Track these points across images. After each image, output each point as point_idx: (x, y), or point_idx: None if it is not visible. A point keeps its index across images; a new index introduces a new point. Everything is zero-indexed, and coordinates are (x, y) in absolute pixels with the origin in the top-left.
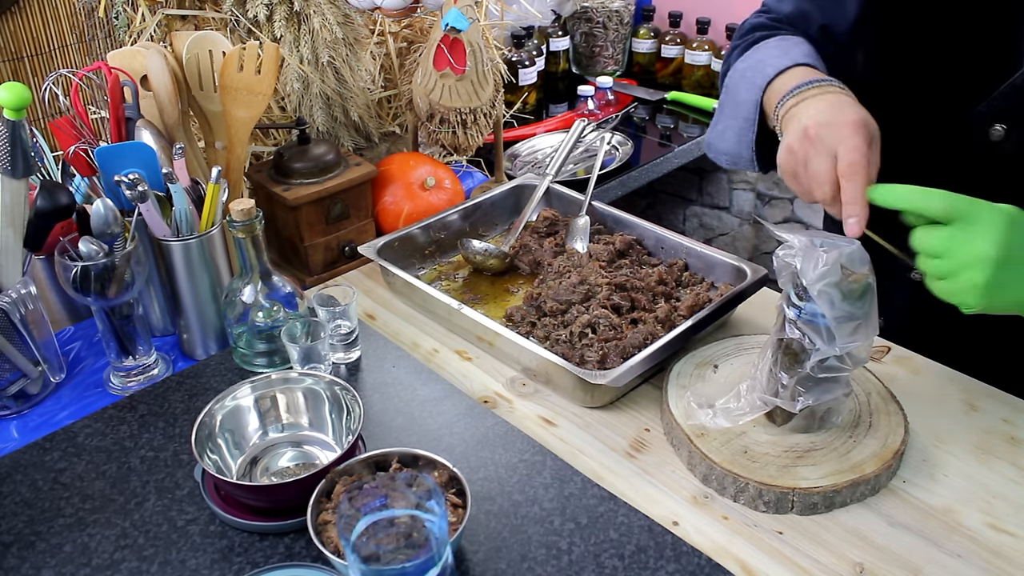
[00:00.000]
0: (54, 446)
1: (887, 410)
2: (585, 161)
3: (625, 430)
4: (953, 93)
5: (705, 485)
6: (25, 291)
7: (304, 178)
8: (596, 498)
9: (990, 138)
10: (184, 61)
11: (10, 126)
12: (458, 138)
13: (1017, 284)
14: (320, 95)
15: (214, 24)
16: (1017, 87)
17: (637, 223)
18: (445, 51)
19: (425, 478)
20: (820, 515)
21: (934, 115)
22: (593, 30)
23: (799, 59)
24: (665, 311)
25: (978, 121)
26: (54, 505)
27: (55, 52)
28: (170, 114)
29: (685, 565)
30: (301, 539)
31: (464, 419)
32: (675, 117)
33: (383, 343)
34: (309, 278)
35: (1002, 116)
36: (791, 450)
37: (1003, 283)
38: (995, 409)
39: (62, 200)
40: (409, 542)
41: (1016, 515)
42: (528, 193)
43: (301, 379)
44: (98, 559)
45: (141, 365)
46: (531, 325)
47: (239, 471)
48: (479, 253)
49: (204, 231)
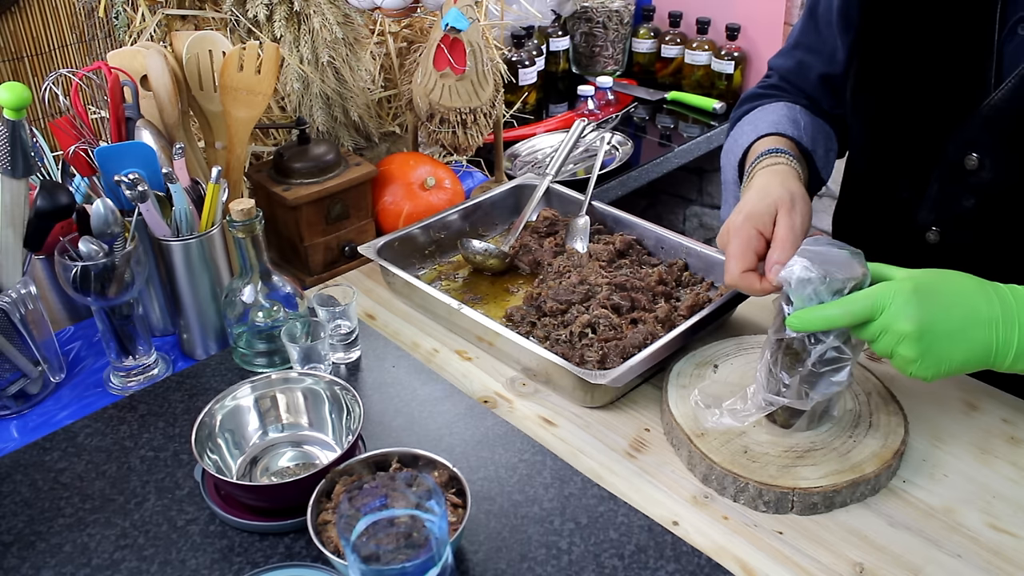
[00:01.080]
0: (54, 446)
1: (887, 410)
2: (585, 161)
3: (625, 430)
4: (932, 124)
5: (705, 485)
6: (25, 291)
7: (304, 178)
8: (596, 498)
9: (966, 167)
10: (184, 61)
11: (10, 126)
12: (458, 138)
13: (949, 349)
14: (320, 95)
15: (214, 24)
16: (984, 117)
17: (637, 223)
18: (445, 51)
19: (425, 478)
20: (820, 515)
21: (917, 146)
22: (593, 30)
23: (763, 130)
24: (665, 311)
25: (953, 150)
26: (54, 505)
27: (55, 52)
28: (170, 114)
29: (685, 565)
30: (301, 539)
31: (464, 419)
32: (675, 117)
33: (383, 343)
34: (309, 278)
35: (975, 146)
36: (791, 450)
37: (936, 352)
38: (995, 409)
39: (62, 200)
40: (409, 542)
41: (1016, 515)
42: (528, 193)
43: (301, 379)
44: (98, 559)
45: (141, 365)
46: (531, 325)
47: (239, 471)
48: (479, 253)
49: (204, 231)
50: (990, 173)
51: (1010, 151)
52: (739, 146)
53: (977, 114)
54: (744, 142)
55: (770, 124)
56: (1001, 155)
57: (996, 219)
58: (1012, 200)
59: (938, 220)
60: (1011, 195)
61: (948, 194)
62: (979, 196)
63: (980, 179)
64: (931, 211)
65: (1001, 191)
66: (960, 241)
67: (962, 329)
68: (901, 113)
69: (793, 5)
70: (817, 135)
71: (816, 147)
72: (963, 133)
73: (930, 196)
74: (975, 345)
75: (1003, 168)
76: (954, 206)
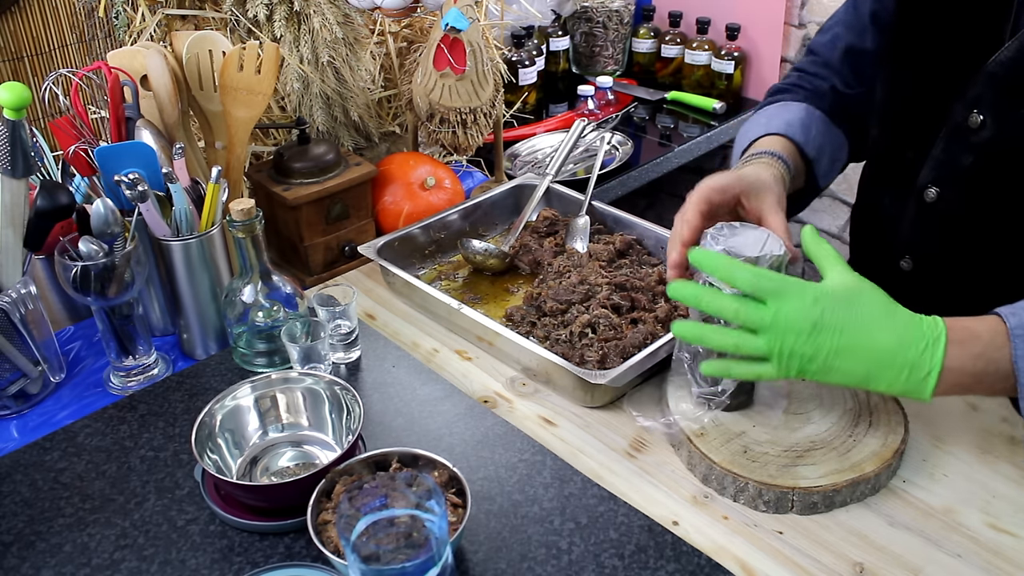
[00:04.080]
0: (54, 446)
1: (887, 409)
2: (585, 161)
3: (625, 430)
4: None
5: (705, 485)
6: (25, 291)
7: (304, 178)
8: (596, 498)
9: (969, 125)
10: (184, 61)
11: (10, 126)
12: (458, 138)
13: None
14: (320, 95)
15: (214, 24)
16: (988, 73)
17: (637, 223)
18: (445, 51)
19: (425, 478)
20: (820, 515)
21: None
22: (593, 30)
23: (773, 128)
24: (665, 311)
25: (960, 110)
26: (54, 505)
27: (55, 52)
28: (170, 114)
29: (685, 565)
30: (301, 539)
31: (464, 419)
32: (675, 117)
33: (383, 343)
34: (309, 278)
35: (978, 103)
36: (791, 450)
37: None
38: (995, 409)
39: (62, 200)
40: (409, 542)
41: (1016, 515)
42: (528, 193)
43: (301, 379)
44: (98, 559)
45: (141, 365)
46: (531, 325)
47: (239, 471)
48: (479, 253)
49: (204, 231)
50: (990, 131)
51: (1009, 108)
52: (747, 137)
53: (983, 70)
54: (753, 134)
55: (782, 123)
56: (1001, 112)
57: (991, 178)
58: (1008, 159)
59: (937, 179)
60: (1008, 154)
61: (950, 153)
62: (977, 154)
63: (980, 137)
64: (932, 170)
65: (999, 150)
66: (955, 199)
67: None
68: (918, 75)
69: (793, 5)
70: (825, 144)
71: (821, 156)
72: (970, 91)
73: (933, 156)
74: (854, 369)
75: (1002, 125)
76: (953, 164)
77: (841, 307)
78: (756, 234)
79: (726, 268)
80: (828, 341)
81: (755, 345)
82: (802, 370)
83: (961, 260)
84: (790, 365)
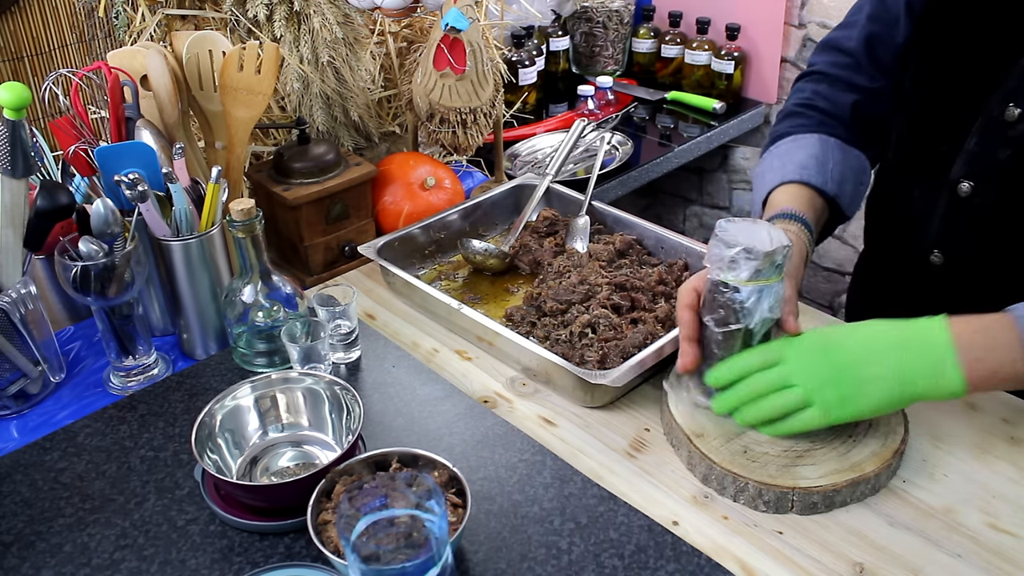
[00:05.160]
0: (54, 446)
1: None
2: (585, 161)
3: (625, 430)
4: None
5: (705, 485)
6: (25, 291)
7: (304, 178)
8: (596, 498)
9: (1005, 119)
10: (184, 61)
11: (10, 126)
12: (458, 138)
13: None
14: (320, 95)
15: (214, 24)
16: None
17: (637, 223)
18: (445, 51)
19: (425, 478)
20: (820, 515)
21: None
22: (593, 30)
23: (789, 174)
24: (665, 311)
25: (996, 103)
26: (54, 505)
27: (55, 52)
28: (170, 114)
29: (685, 565)
30: (301, 539)
31: (464, 419)
32: (675, 117)
33: (383, 343)
34: (309, 278)
35: (1015, 95)
36: (791, 450)
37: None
38: (995, 409)
39: (62, 200)
40: (409, 542)
41: (1016, 515)
42: (528, 193)
43: (301, 379)
44: (98, 559)
45: (141, 365)
46: (531, 325)
47: (239, 471)
48: (479, 253)
49: (204, 231)
50: None
51: None
52: (765, 184)
53: (1020, 63)
54: (770, 181)
55: (797, 166)
56: None
57: None
58: None
59: (970, 172)
60: None
61: (985, 147)
62: (1015, 148)
63: (1017, 131)
64: (965, 163)
65: None
66: (990, 193)
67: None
68: (952, 67)
69: (793, 5)
70: (846, 173)
71: (843, 187)
72: (1007, 83)
73: (966, 149)
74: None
75: None
76: (989, 158)
77: (840, 331)
78: (757, 228)
79: (738, 371)
80: (840, 356)
81: (792, 393)
82: (841, 398)
83: (994, 255)
84: (824, 396)
